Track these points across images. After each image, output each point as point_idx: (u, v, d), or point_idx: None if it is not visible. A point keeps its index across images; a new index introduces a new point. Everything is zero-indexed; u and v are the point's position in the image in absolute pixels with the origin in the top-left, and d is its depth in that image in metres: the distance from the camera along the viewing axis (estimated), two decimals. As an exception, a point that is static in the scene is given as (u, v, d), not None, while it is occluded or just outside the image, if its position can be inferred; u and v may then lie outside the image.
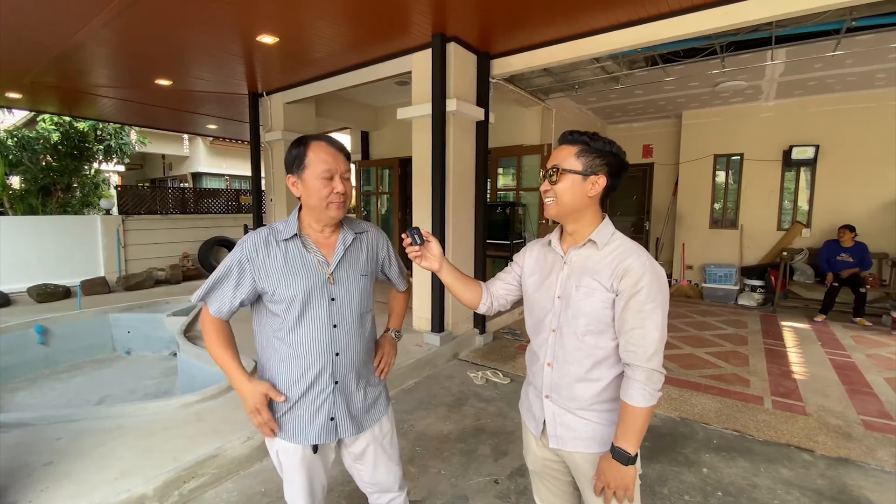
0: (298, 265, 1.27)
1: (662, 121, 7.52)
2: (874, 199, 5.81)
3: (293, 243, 1.28)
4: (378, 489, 1.48)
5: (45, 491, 1.98)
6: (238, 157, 14.35)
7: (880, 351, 4.30)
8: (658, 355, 1.07)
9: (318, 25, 3.74)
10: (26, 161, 8.73)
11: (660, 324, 1.07)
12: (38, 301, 5.86)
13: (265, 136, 5.87)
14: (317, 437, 1.29)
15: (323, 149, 1.23)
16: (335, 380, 1.30)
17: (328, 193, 1.23)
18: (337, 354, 1.30)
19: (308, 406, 1.29)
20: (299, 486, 1.33)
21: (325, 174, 1.22)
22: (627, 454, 1.07)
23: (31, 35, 3.86)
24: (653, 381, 1.06)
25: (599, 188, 1.14)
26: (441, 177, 3.98)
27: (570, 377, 1.18)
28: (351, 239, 1.35)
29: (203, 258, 8.40)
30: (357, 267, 1.35)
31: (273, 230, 1.30)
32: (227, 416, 2.68)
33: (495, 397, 3.30)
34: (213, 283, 1.26)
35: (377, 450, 1.42)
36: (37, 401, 3.94)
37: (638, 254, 1.12)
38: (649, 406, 1.06)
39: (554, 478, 1.33)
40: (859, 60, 4.64)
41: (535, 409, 1.27)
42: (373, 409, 1.40)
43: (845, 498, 2.16)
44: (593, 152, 1.12)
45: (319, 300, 1.27)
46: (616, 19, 3.56)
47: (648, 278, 1.07)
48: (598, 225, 1.18)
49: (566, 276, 1.19)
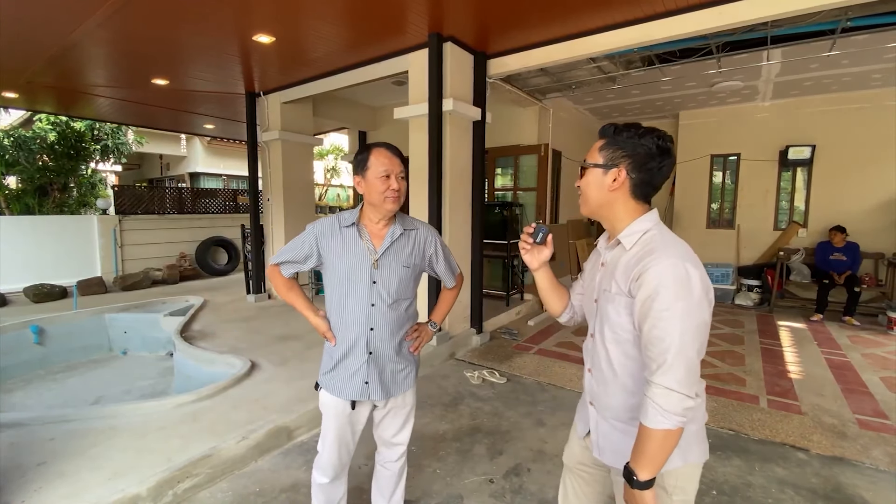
0: (351, 247, 1.52)
1: (659, 121, 7.52)
2: (870, 199, 5.83)
3: (351, 231, 1.54)
4: (384, 443, 1.75)
5: (38, 491, 1.98)
6: (236, 157, 14.33)
7: (876, 350, 4.31)
8: (676, 370, 0.92)
9: (314, 25, 3.74)
10: (23, 161, 8.71)
11: (678, 334, 0.92)
12: (35, 301, 5.85)
13: (262, 135, 5.86)
14: (351, 394, 1.55)
15: (382, 153, 1.49)
16: (369, 350, 1.54)
17: (385, 189, 1.46)
18: (372, 329, 1.53)
19: (347, 368, 1.55)
20: (332, 434, 1.60)
21: (383, 173, 1.46)
22: (634, 476, 0.96)
23: (27, 34, 3.85)
24: (669, 401, 0.91)
25: (621, 182, 1.06)
26: (438, 176, 3.98)
27: (605, 385, 1.13)
28: (399, 233, 1.57)
29: (201, 258, 8.38)
30: (400, 258, 1.56)
31: (339, 217, 1.57)
32: (223, 416, 2.67)
33: (491, 397, 3.30)
34: (289, 252, 1.56)
35: (395, 414, 1.68)
36: (33, 401, 3.92)
37: (660, 252, 0.98)
38: (665, 430, 0.92)
39: (585, 483, 1.30)
40: (855, 60, 4.66)
41: (585, 413, 1.25)
42: (401, 382, 1.63)
43: (840, 497, 2.17)
44: (616, 144, 1.07)
45: (363, 280, 1.51)
46: (612, 19, 3.56)
47: (665, 281, 0.94)
48: (632, 222, 1.08)
49: (601, 279, 1.15)
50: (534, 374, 3.72)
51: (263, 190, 6.22)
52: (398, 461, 1.77)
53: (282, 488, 2.22)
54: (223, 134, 9.28)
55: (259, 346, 3.97)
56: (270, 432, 2.55)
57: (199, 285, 7.22)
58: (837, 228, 5.54)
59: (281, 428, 2.60)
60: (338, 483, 1.69)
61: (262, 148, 5.96)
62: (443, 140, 4.01)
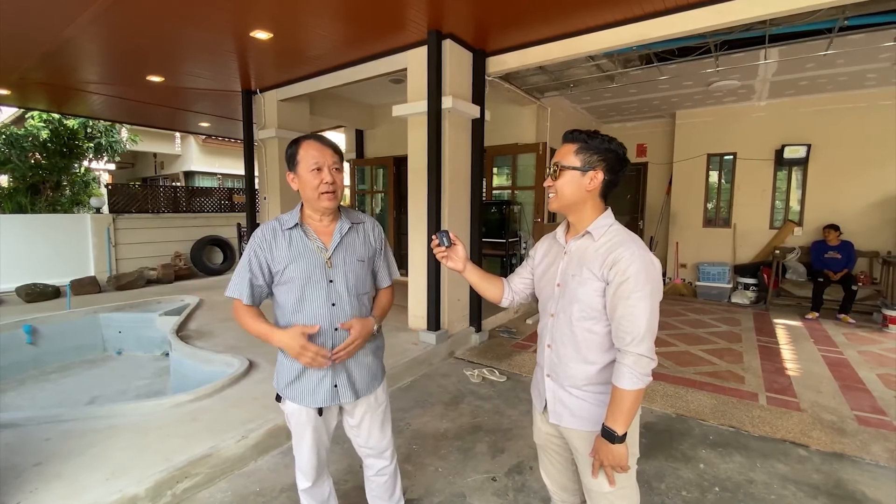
0: (300, 250, 1.44)
1: (656, 120, 7.56)
2: (864, 198, 5.88)
3: (296, 232, 1.46)
4: (372, 453, 1.67)
5: (34, 492, 1.94)
6: (231, 156, 14.23)
7: (872, 348, 4.34)
8: (646, 341, 1.12)
9: (314, 21, 3.71)
10: (14, 159, 8.59)
11: (647, 311, 1.12)
12: (27, 301, 5.77)
13: (259, 133, 5.82)
14: (322, 401, 1.47)
15: (311, 145, 1.42)
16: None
17: (318, 184, 1.40)
18: (336, 329, 1.46)
19: (314, 374, 1.46)
20: (306, 442, 1.53)
21: (314, 166, 1.40)
22: (615, 433, 1.13)
23: (19, 30, 3.79)
24: (640, 365, 1.11)
25: (597, 183, 1.22)
26: (437, 175, 3.96)
27: (565, 358, 1.28)
28: (347, 227, 1.51)
29: (196, 258, 8.31)
30: (354, 253, 1.51)
31: (280, 220, 1.48)
32: (222, 416, 2.64)
33: (492, 395, 3.29)
34: (238, 280, 1.46)
35: (372, 417, 1.61)
36: (26, 402, 3.86)
37: (628, 244, 1.16)
38: (637, 389, 1.12)
39: (556, 453, 1.43)
40: (850, 60, 4.69)
41: (540, 387, 1.39)
42: (370, 380, 1.57)
43: (841, 493, 2.17)
44: (591, 149, 1.21)
45: (319, 281, 1.44)
46: (612, 17, 3.56)
47: (636, 268, 1.12)
48: (598, 217, 1.24)
49: (565, 266, 1.29)
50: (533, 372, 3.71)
51: (260, 188, 6.17)
52: (391, 464, 1.72)
53: (282, 488, 2.20)
54: (218, 132, 9.20)
55: (257, 346, 3.93)
56: (270, 431, 2.52)
57: (194, 285, 7.15)
58: (831, 227, 5.58)
59: (280, 427, 2.57)
60: (321, 484, 1.65)
61: (259, 146, 5.92)
62: (442, 138, 4.00)
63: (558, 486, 1.48)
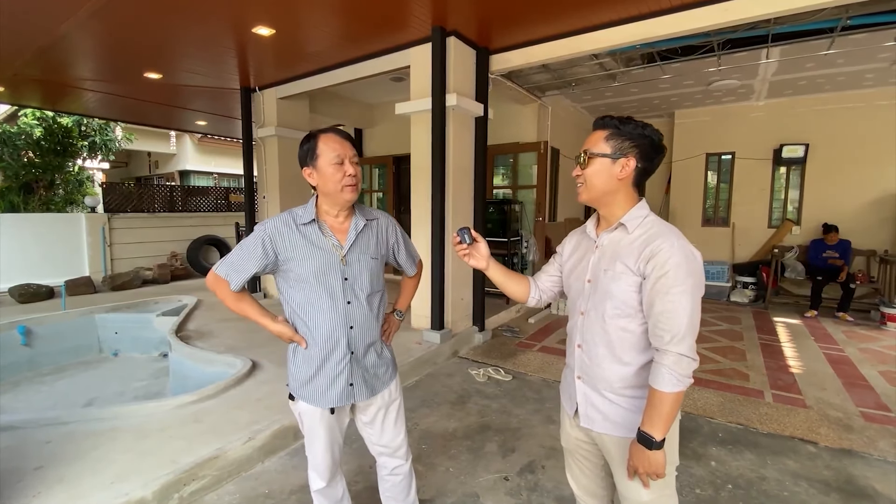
0: (316, 247, 1.41)
1: (655, 120, 7.57)
2: (862, 197, 5.93)
3: (311, 228, 1.42)
4: (386, 451, 1.63)
5: (37, 496, 1.89)
6: (227, 155, 14.11)
7: (871, 345, 4.37)
8: (687, 339, 1.04)
9: (317, 18, 3.67)
10: (7, 157, 8.47)
11: (689, 307, 1.04)
12: (21, 301, 5.67)
13: (258, 132, 5.76)
14: (336, 400, 1.44)
15: (331, 138, 1.39)
16: (351, 350, 1.45)
17: (341, 177, 1.37)
18: (351, 328, 1.44)
19: (329, 373, 1.43)
20: (320, 441, 1.50)
21: (336, 160, 1.36)
22: (653, 439, 1.06)
23: (14, 25, 3.71)
24: (681, 365, 1.03)
25: (629, 171, 1.14)
26: (441, 173, 3.93)
27: (597, 358, 1.20)
28: (362, 225, 1.48)
29: (192, 257, 8.22)
30: (368, 250, 1.49)
31: (293, 214, 1.44)
32: (226, 417, 2.60)
33: (499, 394, 3.26)
34: (235, 263, 1.40)
35: (386, 413, 1.58)
36: (21, 404, 3.79)
37: (667, 235, 1.09)
38: (677, 391, 1.04)
39: (585, 458, 1.35)
40: (850, 60, 4.73)
41: (570, 390, 1.31)
42: (383, 377, 1.56)
43: (852, 489, 2.17)
44: (622, 135, 1.14)
45: (335, 279, 1.42)
46: (616, 15, 3.55)
47: (676, 260, 1.05)
48: (631, 208, 1.17)
49: (597, 260, 1.22)
50: (538, 371, 3.69)
51: (259, 187, 6.11)
52: (406, 463, 1.69)
53: (291, 490, 2.16)
54: (215, 131, 9.10)
55: (258, 346, 3.88)
56: (276, 433, 2.48)
57: (191, 285, 7.06)
58: (831, 228, 5.60)
59: (287, 428, 2.53)
60: (335, 484, 1.62)
61: (258, 144, 5.86)
62: (446, 136, 3.97)
63: (586, 492, 1.40)
